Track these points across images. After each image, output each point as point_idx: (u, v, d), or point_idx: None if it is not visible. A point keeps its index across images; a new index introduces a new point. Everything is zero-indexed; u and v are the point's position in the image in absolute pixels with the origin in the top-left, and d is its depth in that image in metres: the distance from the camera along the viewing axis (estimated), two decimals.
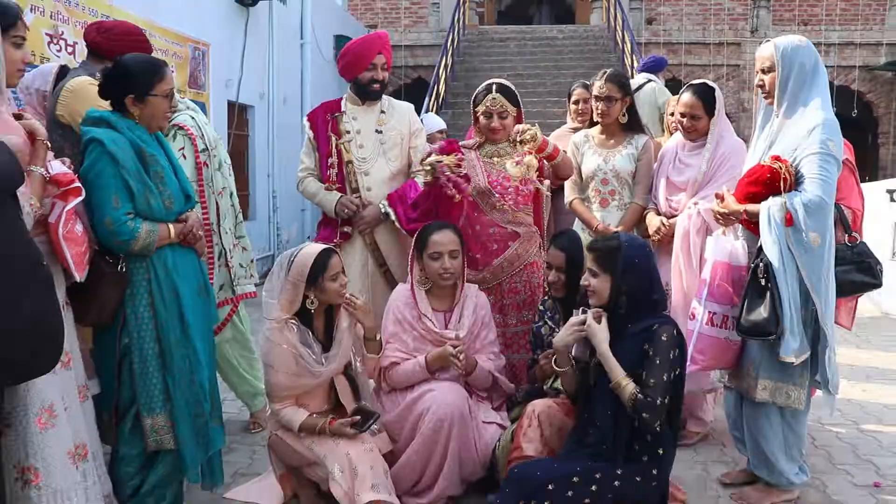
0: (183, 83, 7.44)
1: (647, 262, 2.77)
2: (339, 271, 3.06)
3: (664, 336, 2.64)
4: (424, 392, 3.13)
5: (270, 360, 3.01)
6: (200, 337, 2.82)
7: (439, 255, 3.21)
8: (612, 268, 2.73)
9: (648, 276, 2.75)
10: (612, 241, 2.79)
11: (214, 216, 3.80)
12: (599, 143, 3.98)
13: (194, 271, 2.86)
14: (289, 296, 3.01)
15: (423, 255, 3.24)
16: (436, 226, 3.29)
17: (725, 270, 3.08)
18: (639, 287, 2.72)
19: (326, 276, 3.01)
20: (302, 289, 3.00)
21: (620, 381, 2.62)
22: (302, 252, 3.06)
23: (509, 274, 3.58)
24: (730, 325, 3.08)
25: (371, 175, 3.73)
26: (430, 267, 3.22)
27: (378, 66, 3.74)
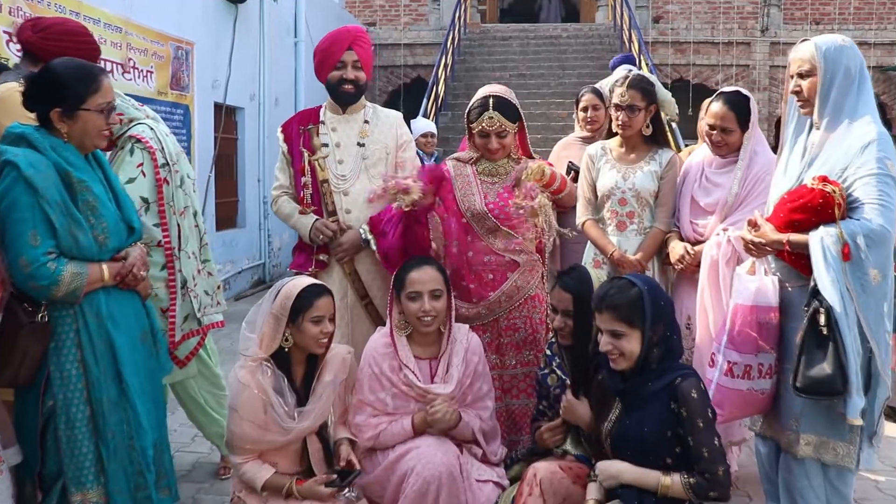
0: (164, 85, 7.00)
1: (669, 302, 2.43)
2: (325, 316, 2.63)
3: (693, 392, 2.26)
4: (408, 450, 2.71)
5: (237, 403, 2.59)
6: (142, 396, 2.39)
7: (418, 294, 2.79)
8: (639, 321, 2.33)
9: (673, 318, 2.38)
10: (628, 289, 2.37)
11: (176, 240, 3.37)
12: (618, 157, 3.51)
13: (135, 318, 2.43)
14: (270, 331, 2.60)
15: (401, 296, 2.82)
16: (414, 262, 2.88)
17: (748, 314, 2.63)
18: (667, 334, 2.34)
19: (308, 316, 2.59)
20: (284, 324, 2.59)
21: (662, 482, 2.27)
22: (291, 282, 2.65)
23: (507, 309, 3.14)
24: (754, 374, 2.63)
25: (351, 195, 3.28)
26: (408, 309, 2.80)
27: (348, 63, 3.28)
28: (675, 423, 2.27)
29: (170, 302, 3.31)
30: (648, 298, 2.31)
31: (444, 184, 3.04)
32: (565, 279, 2.76)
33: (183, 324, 3.38)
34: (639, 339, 2.32)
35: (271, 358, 2.61)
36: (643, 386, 2.32)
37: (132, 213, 2.46)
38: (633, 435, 2.33)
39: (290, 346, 2.62)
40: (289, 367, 2.65)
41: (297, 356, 2.67)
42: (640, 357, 2.32)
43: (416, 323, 2.81)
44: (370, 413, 2.79)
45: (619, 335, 2.34)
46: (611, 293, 2.38)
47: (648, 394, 2.31)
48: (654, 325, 2.31)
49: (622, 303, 2.34)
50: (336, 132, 3.35)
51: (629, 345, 2.33)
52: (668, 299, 2.40)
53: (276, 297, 2.61)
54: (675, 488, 2.25)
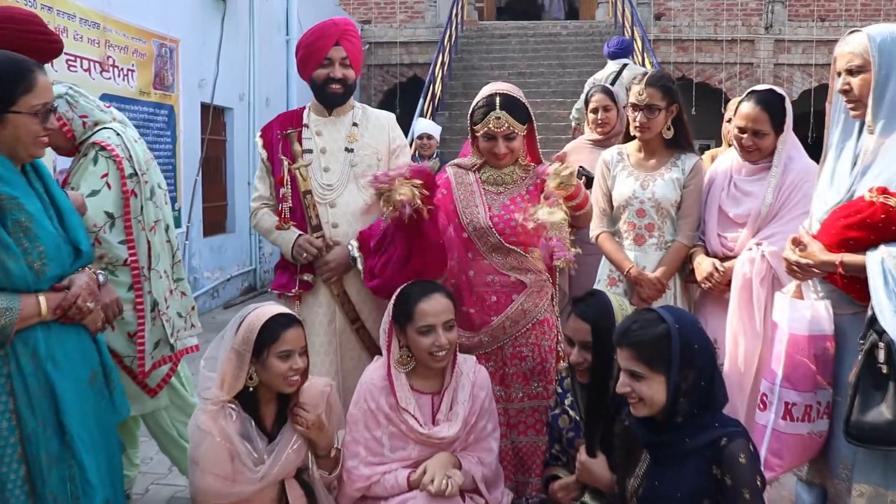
0: (147, 84, 6.63)
1: (706, 344, 2.03)
2: (294, 350, 2.29)
3: (742, 457, 1.90)
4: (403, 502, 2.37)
5: (199, 455, 2.26)
6: (91, 448, 2.04)
7: (430, 329, 2.44)
8: (663, 364, 1.97)
9: (711, 365, 1.99)
10: (654, 326, 2.01)
11: (145, 258, 3.03)
12: (636, 162, 3.17)
13: (82, 357, 2.08)
14: (232, 369, 2.27)
15: (408, 329, 2.47)
16: (420, 289, 2.52)
17: (805, 345, 2.28)
18: (703, 381, 1.97)
19: (274, 350, 2.25)
20: (248, 361, 2.26)
21: None
22: (255, 312, 2.31)
23: (513, 335, 2.79)
24: (814, 415, 2.29)
25: (338, 207, 2.92)
26: (419, 344, 2.45)
27: (336, 60, 2.92)
28: (716, 490, 1.92)
29: (138, 326, 2.97)
30: (677, 339, 1.95)
31: (434, 189, 2.67)
32: (582, 307, 2.41)
33: (153, 350, 3.04)
34: (663, 385, 1.97)
35: (236, 399, 2.27)
36: (679, 441, 1.97)
37: (79, 232, 2.11)
38: (662, 498, 1.98)
39: (255, 385, 2.28)
40: (257, 407, 2.31)
41: (265, 394, 2.33)
42: (667, 406, 1.97)
43: (426, 359, 2.46)
44: (363, 457, 2.45)
45: (638, 377, 2.00)
46: (633, 328, 2.03)
47: (685, 451, 1.95)
48: (683, 371, 1.96)
49: (643, 340, 1.99)
50: (321, 136, 3.00)
51: (649, 390, 1.99)
52: (705, 343, 2.03)
53: (237, 330, 2.27)
54: None
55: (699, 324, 2.05)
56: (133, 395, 3.05)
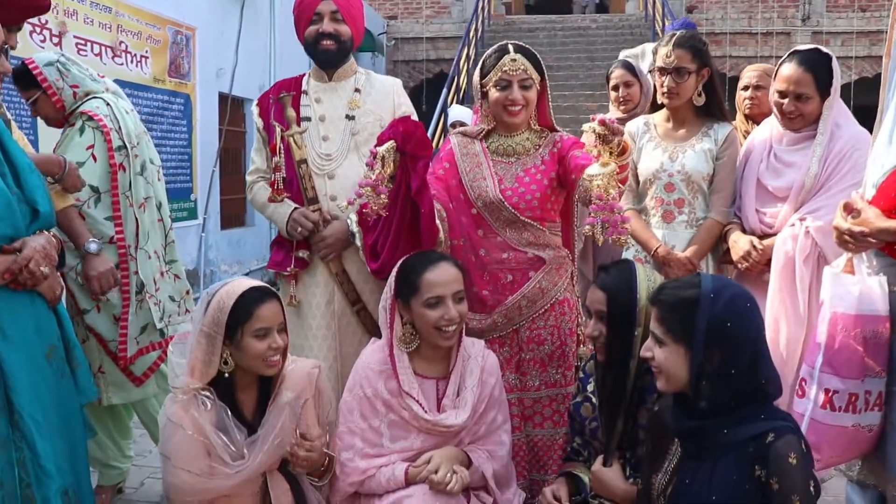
0: (161, 71, 6.49)
1: (746, 327, 1.69)
2: (270, 327, 2.06)
3: (792, 457, 1.58)
4: (400, 499, 2.13)
5: (169, 450, 2.03)
6: (47, 431, 1.83)
7: (439, 300, 2.20)
8: (685, 334, 1.68)
9: (751, 350, 1.68)
10: (686, 288, 1.73)
11: (132, 236, 2.85)
12: (664, 133, 2.89)
13: (36, 329, 1.87)
14: (203, 354, 2.04)
15: (412, 303, 2.22)
16: (426, 259, 2.28)
17: (851, 326, 1.98)
18: (734, 368, 1.66)
19: (249, 329, 2.02)
20: (220, 344, 2.02)
21: None
22: (224, 288, 2.08)
23: (530, 317, 2.52)
24: (860, 405, 2.00)
25: (337, 178, 2.68)
26: (427, 318, 2.21)
27: (325, 14, 2.70)
28: (759, 494, 1.61)
29: (122, 308, 2.77)
30: (706, 312, 1.65)
31: (427, 145, 2.40)
32: (602, 274, 2.14)
33: (139, 335, 2.85)
34: (683, 359, 1.69)
35: (211, 386, 2.04)
36: (715, 430, 1.67)
37: (38, 192, 1.90)
38: (693, 499, 1.69)
39: (231, 371, 2.05)
40: (234, 394, 2.08)
41: (243, 379, 2.09)
42: (691, 386, 1.69)
43: (433, 335, 2.22)
44: (359, 449, 2.21)
45: (660, 342, 1.73)
46: (668, 286, 1.79)
47: (723, 444, 1.65)
48: (709, 350, 1.66)
49: (668, 301, 1.72)
50: (320, 103, 2.78)
51: (666, 360, 1.71)
52: (745, 325, 1.69)
53: (206, 310, 2.04)
54: None
55: (750, 303, 1.71)
56: (118, 382, 2.88)
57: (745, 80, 3.55)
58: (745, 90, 3.52)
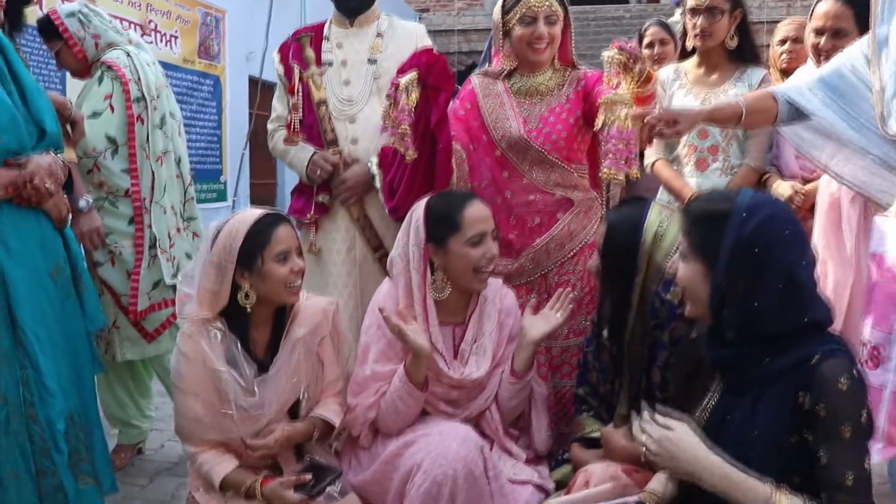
0: (191, 52, 6.50)
1: (779, 255, 1.47)
2: (289, 250, 1.98)
3: (842, 380, 1.40)
4: (414, 439, 2.02)
5: (178, 379, 1.96)
6: (51, 349, 1.77)
7: (482, 237, 2.07)
8: (708, 252, 1.51)
9: (783, 283, 1.46)
10: (720, 202, 1.55)
11: (148, 188, 2.82)
12: (695, 79, 2.76)
13: (42, 246, 1.81)
14: (211, 284, 1.95)
15: (451, 244, 2.08)
16: (459, 198, 2.16)
17: None
18: (758, 301, 1.47)
19: (269, 254, 1.94)
20: (230, 273, 1.94)
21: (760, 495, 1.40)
22: (235, 218, 2.00)
23: (558, 261, 2.41)
24: None
25: (359, 122, 2.60)
26: (468, 259, 2.06)
27: None
28: (804, 425, 1.43)
29: (135, 262, 2.73)
30: (734, 230, 1.46)
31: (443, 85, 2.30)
32: (612, 210, 2.02)
33: (151, 290, 2.82)
34: (702, 278, 1.52)
35: (221, 317, 1.96)
36: (755, 360, 1.49)
37: (45, 113, 1.85)
38: (735, 436, 1.51)
39: (251, 305, 1.97)
40: (246, 330, 1.99)
41: (258, 314, 2.00)
42: (712, 312, 1.52)
43: (469, 278, 2.08)
44: (376, 391, 2.12)
45: (683, 258, 1.58)
46: (702, 196, 1.65)
47: (765, 374, 1.48)
48: (731, 274, 1.47)
49: (695, 212, 1.56)
50: (342, 48, 2.70)
51: (687, 278, 1.56)
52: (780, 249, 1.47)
53: (214, 240, 1.96)
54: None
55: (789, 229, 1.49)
56: (132, 337, 2.85)
57: (781, 34, 3.40)
58: (782, 44, 3.38)
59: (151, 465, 3.18)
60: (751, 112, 2.15)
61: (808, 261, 1.49)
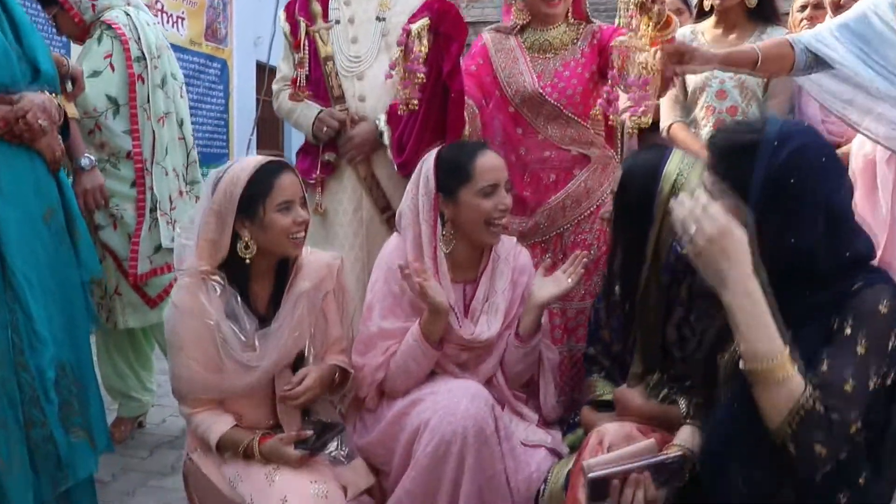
0: (198, 34, 6.44)
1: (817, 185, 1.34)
2: (292, 199, 1.88)
3: (882, 304, 1.29)
4: (421, 397, 1.93)
5: (175, 337, 1.87)
6: (42, 293, 1.68)
7: (495, 187, 1.96)
8: (738, 187, 1.37)
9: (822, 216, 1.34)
10: (747, 131, 1.42)
11: (149, 149, 2.75)
12: (713, 39, 2.66)
13: (35, 188, 1.73)
14: (211, 233, 1.86)
15: (461, 194, 1.98)
16: (472, 146, 2.07)
17: None
18: (795, 236, 1.35)
19: (271, 203, 1.85)
20: (230, 223, 1.84)
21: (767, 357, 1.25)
22: (236, 164, 1.92)
23: (574, 220, 2.32)
24: None
25: (366, 80, 2.51)
26: (480, 209, 1.96)
27: None
28: None
29: (136, 225, 2.67)
30: (766, 159, 1.33)
31: (455, 34, 2.20)
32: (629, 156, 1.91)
33: (153, 254, 2.75)
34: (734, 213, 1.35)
35: (221, 270, 1.88)
36: (793, 295, 1.34)
37: (39, 52, 1.78)
38: None
39: (251, 256, 1.88)
40: (247, 283, 1.89)
41: (259, 267, 1.90)
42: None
43: (481, 231, 1.98)
44: (383, 350, 2.03)
45: (710, 194, 1.40)
46: (727, 128, 1.50)
47: (803, 309, 1.34)
48: (764, 209, 1.33)
49: (721, 145, 1.43)
50: (349, 6, 2.61)
51: None
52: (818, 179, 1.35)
53: (214, 189, 1.87)
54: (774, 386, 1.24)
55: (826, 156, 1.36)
56: (134, 303, 2.79)
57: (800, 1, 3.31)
58: (802, 10, 3.28)
59: (152, 438, 3.10)
60: (766, 59, 2.05)
61: (846, 190, 1.38)
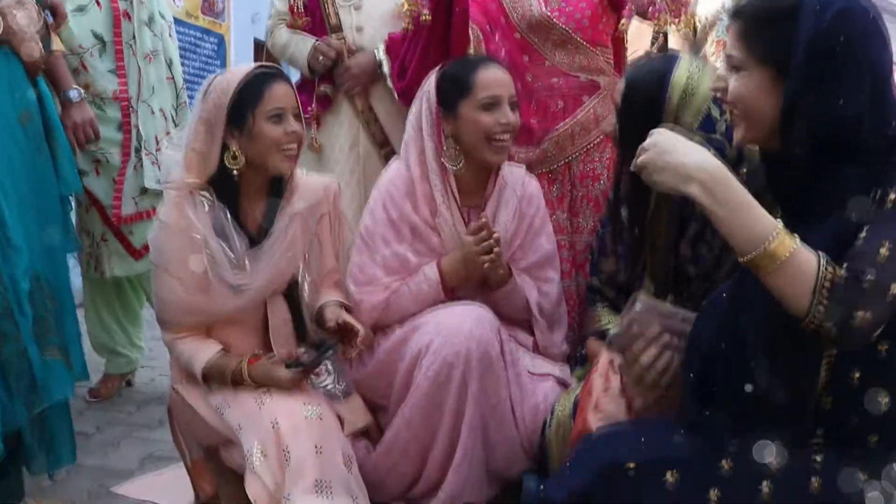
0: (194, 7, 6.30)
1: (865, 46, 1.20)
2: (284, 109, 1.76)
3: None
4: (423, 323, 1.81)
5: (159, 257, 1.75)
6: (15, 199, 1.56)
7: (495, 101, 1.84)
8: (776, 53, 1.21)
9: (869, 81, 1.20)
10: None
11: (135, 87, 2.65)
12: None
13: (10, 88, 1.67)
14: (200, 144, 1.75)
15: (462, 108, 1.87)
16: (475, 59, 1.96)
17: None
18: (843, 98, 1.19)
19: (261, 112, 1.73)
20: (220, 133, 1.73)
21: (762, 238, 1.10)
22: (228, 71, 1.81)
23: (583, 149, 2.20)
24: None
25: (364, 9, 2.41)
26: (480, 124, 1.84)
27: None
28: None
29: (120, 166, 2.56)
30: (810, 20, 1.18)
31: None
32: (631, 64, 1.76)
33: (139, 196, 2.62)
34: (770, 85, 1.22)
35: (210, 185, 1.76)
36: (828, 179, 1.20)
37: None
38: None
39: (239, 168, 1.75)
40: (236, 200, 1.77)
41: (250, 184, 1.78)
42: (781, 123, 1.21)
43: (483, 148, 1.85)
44: (380, 279, 1.89)
45: (735, 68, 1.26)
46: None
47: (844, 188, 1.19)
48: (808, 73, 1.18)
49: (755, 13, 1.26)
50: None
51: (745, 90, 1.24)
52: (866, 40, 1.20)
53: (205, 96, 1.75)
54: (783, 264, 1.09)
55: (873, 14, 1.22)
56: (120, 252, 2.69)
57: None
58: None
59: (140, 395, 2.99)
60: None
61: (889, 55, 1.25)
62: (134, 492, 2.03)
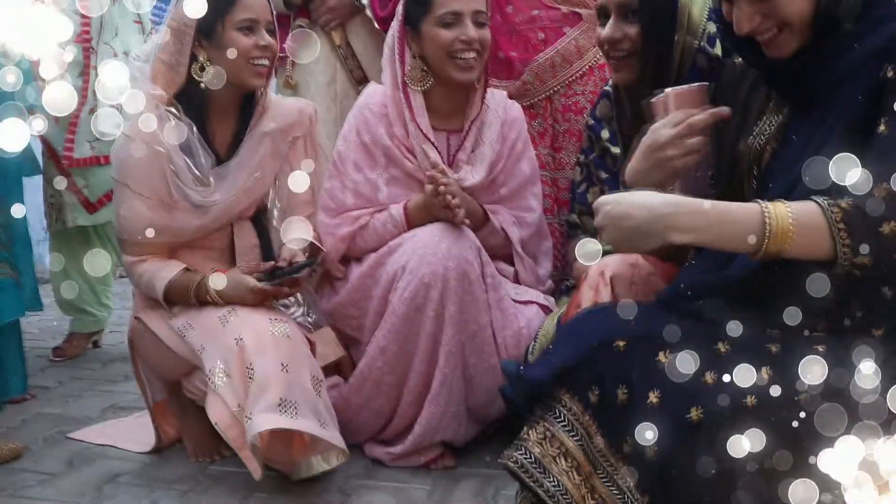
0: None
1: None
2: (256, 19, 1.68)
3: None
4: (399, 244, 1.73)
5: (121, 172, 1.66)
6: None
7: (457, 17, 1.76)
8: None
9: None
10: None
11: (97, 25, 2.54)
12: None
13: None
14: (168, 55, 1.67)
15: (423, 27, 1.80)
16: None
17: None
18: None
19: (231, 20, 1.65)
20: (188, 43, 1.65)
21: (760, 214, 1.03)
22: None
23: (565, 81, 2.12)
24: None
25: None
26: (440, 41, 1.77)
27: None
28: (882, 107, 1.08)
29: (77, 106, 2.45)
30: None
31: None
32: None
33: (95, 140, 2.51)
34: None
35: (177, 100, 1.67)
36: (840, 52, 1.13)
37: None
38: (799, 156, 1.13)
39: (208, 81, 1.66)
40: (205, 116, 1.69)
41: (219, 101, 1.71)
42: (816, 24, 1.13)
43: (447, 66, 1.78)
44: (351, 206, 1.82)
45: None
46: None
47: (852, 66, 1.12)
48: None
49: None
50: None
51: None
52: None
53: (176, 2, 1.67)
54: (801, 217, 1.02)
55: None
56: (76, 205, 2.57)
57: None
58: None
59: (107, 355, 2.87)
60: None
61: None
62: (92, 436, 1.92)
